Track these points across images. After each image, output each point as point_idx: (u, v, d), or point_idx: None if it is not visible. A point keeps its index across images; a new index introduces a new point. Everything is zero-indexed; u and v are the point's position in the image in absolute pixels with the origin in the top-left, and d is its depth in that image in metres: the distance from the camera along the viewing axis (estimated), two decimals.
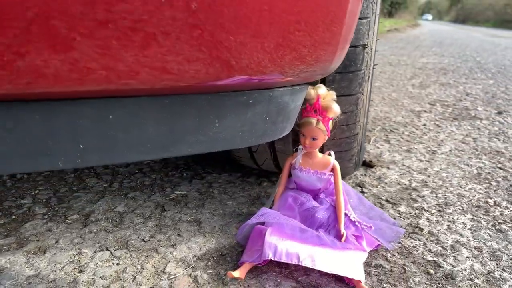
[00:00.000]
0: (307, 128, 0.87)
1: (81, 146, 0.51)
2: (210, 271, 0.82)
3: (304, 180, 0.93)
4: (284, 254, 0.77)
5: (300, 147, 0.94)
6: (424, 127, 1.94)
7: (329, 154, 0.94)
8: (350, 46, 0.84)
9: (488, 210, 1.10)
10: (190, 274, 0.80)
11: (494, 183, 1.28)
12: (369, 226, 0.89)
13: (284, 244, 0.79)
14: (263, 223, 0.89)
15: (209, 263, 0.84)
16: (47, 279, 0.78)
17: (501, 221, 1.04)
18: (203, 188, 1.20)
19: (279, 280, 0.79)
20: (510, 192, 1.21)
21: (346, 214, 0.91)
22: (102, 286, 0.76)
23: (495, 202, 1.15)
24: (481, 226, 1.01)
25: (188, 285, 0.77)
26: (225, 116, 0.59)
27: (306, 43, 0.57)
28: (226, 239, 0.93)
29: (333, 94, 0.86)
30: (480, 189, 1.24)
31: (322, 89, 0.85)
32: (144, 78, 0.46)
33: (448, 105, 2.42)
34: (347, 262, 0.78)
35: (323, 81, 0.90)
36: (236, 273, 0.77)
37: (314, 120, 0.86)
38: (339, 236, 0.86)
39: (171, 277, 0.79)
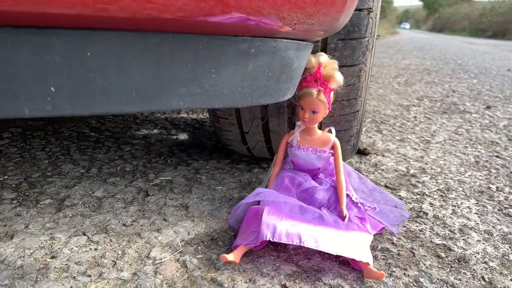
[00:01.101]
0: (307, 100, 0.79)
1: (52, 89, 0.42)
2: (200, 255, 0.73)
3: (302, 158, 0.86)
4: (284, 234, 0.69)
5: (298, 123, 0.86)
6: (415, 119, 1.89)
7: (329, 131, 0.87)
8: (354, 10, 0.77)
9: (492, 195, 1.04)
10: (178, 259, 0.72)
11: (493, 170, 1.23)
12: (373, 207, 0.82)
13: (283, 224, 0.71)
14: (258, 204, 0.81)
15: (199, 247, 0.76)
16: (13, 265, 0.68)
17: (507, 206, 0.98)
18: (190, 174, 1.11)
19: (277, 265, 0.71)
20: (511, 179, 1.16)
21: (347, 195, 0.83)
22: (78, 272, 0.67)
23: (497, 187, 1.10)
24: (487, 211, 0.95)
25: (176, 271, 0.68)
26: (224, 66, 0.51)
27: None
28: (217, 223, 0.85)
29: (335, 63, 0.79)
30: (480, 175, 1.18)
31: (323, 57, 0.78)
32: (124, 3, 0.37)
33: (436, 100, 2.39)
34: (352, 243, 0.71)
35: (324, 48, 0.82)
36: (230, 257, 0.68)
37: (314, 91, 0.78)
38: (341, 218, 0.79)
39: (157, 262, 0.70)
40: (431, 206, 0.97)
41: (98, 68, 0.43)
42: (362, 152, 1.34)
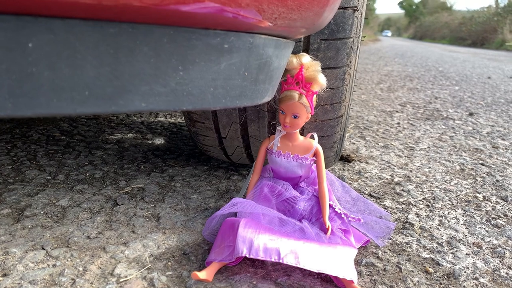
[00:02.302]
0: (288, 104, 0.74)
1: None
2: (170, 272, 0.67)
3: (283, 166, 0.80)
4: (262, 250, 0.63)
5: (279, 128, 0.81)
6: (398, 125, 1.86)
7: (312, 137, 0.82)
8: (338, 8, 0.72)
9: (479, 205, 1.01)
10: (145, 277, 0.65)
11: (479, 179, 1.19)
12: (357, 219, 0.77)
13: (261, 238, 0.65)
14: (235, 215, 0.75)
15: (169, 263, 0.69)
16: None
17: (495, 216, 0.94)
18: (164, 181, 1.04)
19: (254, 282, 0.65)
20: (497, 187, 1.13)
21: (330, 206, 0.78)
22: None
23: (484, 197, 1.06)
24: (475, 221, 0.91)
25: None
26: (193, 62, 0.45)
27: None
28: (190, 236, 0.78)
29: (318, 65, 0.74)
30: (466, 184, 1.15)
31: (306, 58, 0.73)
32: None
33: (419, 107, 2.37)
34: (336, 259, 0.65)
35: (306, 49, 0.77)
36: (202, 274, 0.62)
37: (296, 94, 0.73)
38: (323, 230, 0.74)
39: (121, 280, 0.64)
40: (417, 217, 0.92)
41: (43, 62, 0.37)
42: (345, 159, 1.29)
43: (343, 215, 0.77)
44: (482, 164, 1.34)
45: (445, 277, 0.70)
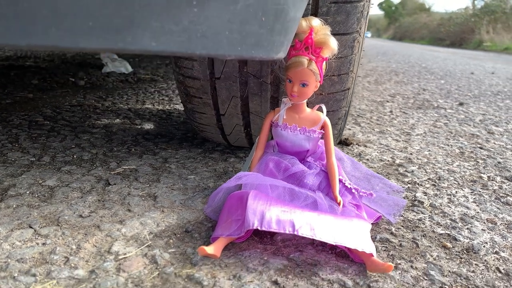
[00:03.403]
0: (296, 71, 0.69)
1: None
2: (173, 249, 0.61)
3: (289, 140, 0.75)
4: (274, 221, 0.58)
5: (284, 99, 0.76)
6: (391, 114, 1.83)
7: (319, 109, 0.77)
8: None
9: (485, 184, 0.98)
10: (146, 254, 0.59)
11: (480, 161, 1.17)
12: (368, 194, 0.73)
13: (273, 210, 0.60)
14: (240, 189, 0.70)
15: (171, 240, 0.64)
16: None
17: (503, 195, 0.91)
18: (157, 163, 0.99)
19: (265, 258, 0.60)
20: (500, 169, 1.10)
21: (340, 180, 0.74)
22: (19, 271, 0.54)
23: (489, 177, 1.03)
24: (485, 199, 0.88)
25: (144, 267, 0.56)
26: None
27: None
28: (191, 214, 0.73)
29: (328, 29, 0.69)
30: (469, 165, 1.12)
31: (315, 21, 0.68)
32: None
33: (409, 97, 2.35)
34: (353, 232, 0.61)
35: (315, 13, 0.73)
36: (209, 249, 0.57)
37: (305, 60, 0.68)
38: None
39: (120, 257, 0.58)
40: (425, 195, 0.88)
41: None
42: (343, 143, 1.25)
43: (353, 190, 0.73)
44: (481, 148, 1.31)
45: (465, 251, 0.66)
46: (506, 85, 3.21)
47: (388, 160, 1.12)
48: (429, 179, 0.99)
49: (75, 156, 1.00)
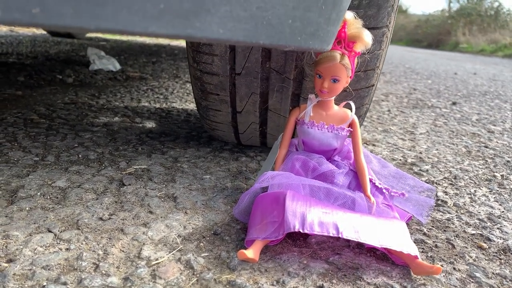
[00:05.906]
0: (328, 66, 0.66)
1: None
2: (206, 254, 0.58)
3: (317, 138, 0.73)
4: (317, 224, 0.55)
5: (311, 96, 0.73)
6: (390, 112, 1.83)
7: (346, 106, 0.75)
8: None
9: (501, 183, 0.97)
10: (180, 259, 0.56)
11: (489, 160, 1.17)
12: (400, 194, 0.71)
13: (314, 212, 0.57)
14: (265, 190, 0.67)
15: (201, 244, 0.60)
16: None
17: None
18: (168, 162, 0.95)
19: (305, 262, 0.57)
20: (511, 167, 1.10)
21: (370, 180, 0.71)
22: (47, 279, 0.49)
23: (502, 176, 1.03)
24: (506, 199, 0.87)
25: (180, 273, 0.53)
26: None
27: None
28: (216, 215, 0.69)
29: (360, 22, 0.67)
30: (479, 164, 1.12)
31: (349, 14, 0.66)
32: None
33: (402, 97, 2.36)
34: (396, 234, 0.58)
35: None
36: (249, 253, 0.54)
37: (338, 54, 0.65)
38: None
39: (152, 263, 0.54)
40: (446, 195, 0.87)
41: None
42: None
43: (384, 190, 0.71)
44: (486, 147, 1.31)
45: (502, 252, 0.65)
46: (491, 86, 3.26)
47: (400, 159, 1.11)
48: (445, 178, 0.98)
49: (80, 156, 0.95)
